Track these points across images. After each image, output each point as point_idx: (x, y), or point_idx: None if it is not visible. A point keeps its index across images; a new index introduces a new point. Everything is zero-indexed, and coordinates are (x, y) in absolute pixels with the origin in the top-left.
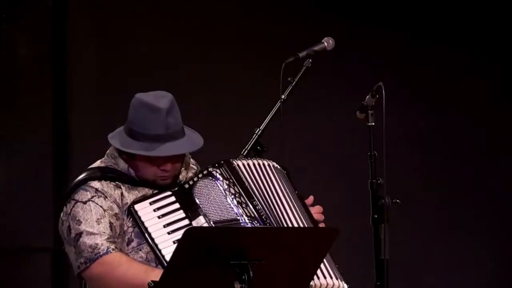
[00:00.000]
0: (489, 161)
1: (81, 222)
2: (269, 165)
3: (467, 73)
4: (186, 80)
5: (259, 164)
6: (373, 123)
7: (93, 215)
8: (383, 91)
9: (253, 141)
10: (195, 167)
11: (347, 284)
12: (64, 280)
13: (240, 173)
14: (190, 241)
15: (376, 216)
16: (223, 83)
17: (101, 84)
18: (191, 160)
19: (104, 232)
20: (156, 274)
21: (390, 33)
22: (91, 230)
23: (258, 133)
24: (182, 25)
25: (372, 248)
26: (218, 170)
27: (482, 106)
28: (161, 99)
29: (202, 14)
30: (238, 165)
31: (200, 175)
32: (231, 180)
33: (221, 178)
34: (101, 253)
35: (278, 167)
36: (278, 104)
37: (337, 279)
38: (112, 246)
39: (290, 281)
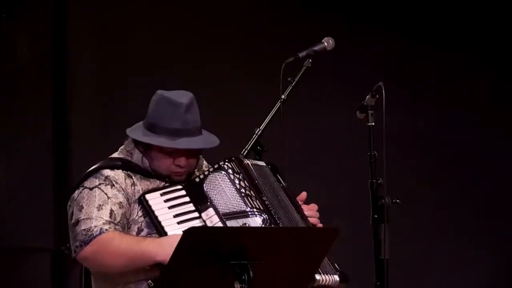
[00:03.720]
0: (489, 161)
1: (82, 208)
2: (264, 165)
3: (467, 73)
4: (186, 80)
5: (260, 164)
6: (373, 123)
7: (96, 201)
8: (383, 91)
9: (253, 141)
10: (206, 170)
11: (338, 275)
12: (64, 280)
13: (250, 170)
14: (190, 241)
15: (376, 216)
16: (223, 83)
17: (101, 84)
18: (204, 162)
19: (102, 218)
20: (147, 243)
21: (390, 33)
22: (89, 216)
23: (258, 133)
24: (182, 25)
25: (372, 248)
26: (229, 165)
27: (482, 106)
28: (182, 95)
29: (202, 14)
30: (248, 163)
31: (211, 169)
32: (241, 175)
33: (231, 172)
34: (95, 234)
35: (264, 164)
36: (278, 104)
37: (325, 274)
38: (106, 227)
39: (290, 281)
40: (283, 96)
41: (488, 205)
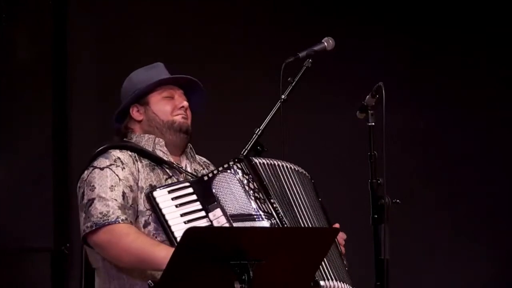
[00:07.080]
0: (489, 161)
1: (95, 188)
2: (291, 168)
3: (467, 73)
4: None
5: (279, 165)
6: (373, 123)
7: (108, 181)
8: (383, 91)
9: (253, 141)
10: (203, 165)
11: (351, 286)
12: (64, 280)
13: (259, 170)
14: (190, 241)
15: (376, 216)
16: (223, 83)
17: (101, 84)
18: (202, 158)
19: (115, 200)
20: (160, 249)
21: (390, 33)
22: (103, 195)
23: (258, 133)
24: (182, 25)
25: (372, 248)
26: (238, 165)
27: (482, 106)
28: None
29: (202, 14)
30: (257, 163)
31: (220, 168)
32: (250, 176)
33: (240, 173)
34: (110, 221)
35: (304, 172)
36: (278, 104)
37: (337, 280)
38: (123, 217)
39: (290, 281)
40: (283, 96)
41: (488, 205)
